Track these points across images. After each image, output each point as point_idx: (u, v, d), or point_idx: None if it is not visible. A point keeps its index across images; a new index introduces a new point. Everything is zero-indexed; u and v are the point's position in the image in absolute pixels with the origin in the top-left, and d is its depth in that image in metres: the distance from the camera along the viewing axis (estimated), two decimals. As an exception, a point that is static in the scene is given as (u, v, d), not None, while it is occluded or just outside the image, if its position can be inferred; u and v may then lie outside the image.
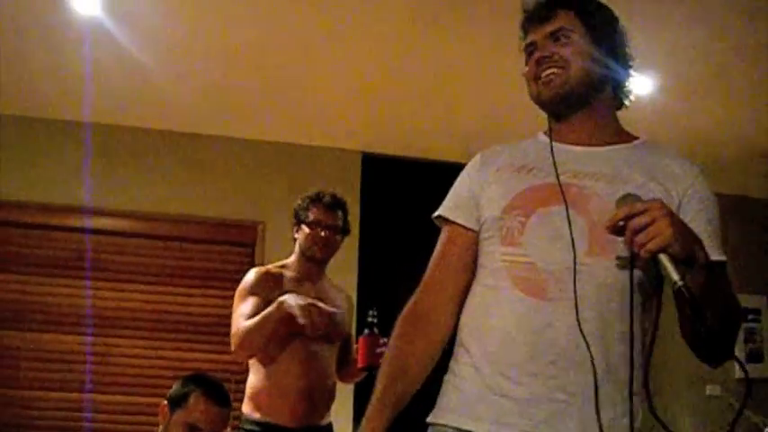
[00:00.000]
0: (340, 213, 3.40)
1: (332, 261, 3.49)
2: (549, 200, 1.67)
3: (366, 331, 3.23)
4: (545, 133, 1.83)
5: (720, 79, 4.24)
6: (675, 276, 1.40)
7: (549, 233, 1.64)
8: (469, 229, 1.78)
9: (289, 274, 3.38)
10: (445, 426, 1.66)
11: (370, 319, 3.23)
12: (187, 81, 4.42)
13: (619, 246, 1.55)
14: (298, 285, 3.33)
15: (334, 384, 3.42)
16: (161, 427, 2.55)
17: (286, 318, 3.06)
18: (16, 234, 4.80)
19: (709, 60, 4.05)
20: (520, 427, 1.56)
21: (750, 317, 5.80)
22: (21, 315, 4.70)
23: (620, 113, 1.85)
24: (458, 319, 1.77)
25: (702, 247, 1.48)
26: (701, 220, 1.65)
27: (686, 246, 1.44)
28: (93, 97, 4.53)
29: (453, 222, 1.81)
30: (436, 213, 1.86)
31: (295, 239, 3.41)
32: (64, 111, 4.77)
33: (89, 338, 4.72)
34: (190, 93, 4.55)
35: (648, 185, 1.66)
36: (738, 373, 5.68)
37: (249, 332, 3.10)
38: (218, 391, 2.62)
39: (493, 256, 1.71)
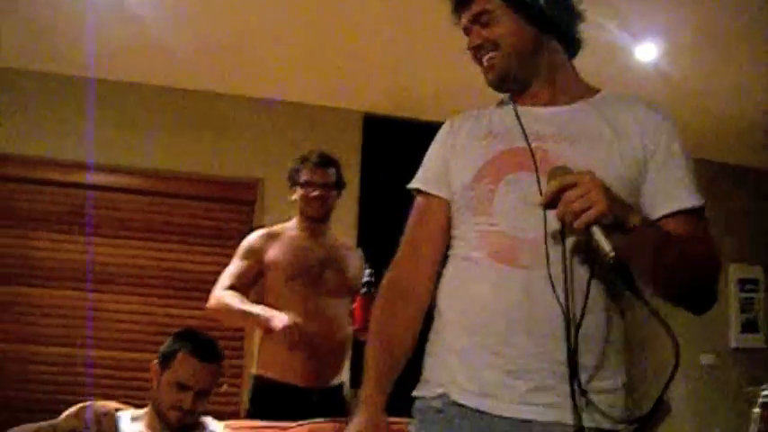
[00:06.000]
0: (331, 170, 3.41)
1: (332, 221, 3.50)
2: (517, 165, 1.66)
3: (363, 290, 3.19)
4: (510, 96, 1.82)
5: (725, 47, 4.20)
6: (607, 247, 1.40)
7: (518, 200, 1.63)
8: (443, 199, 1.79)
9: (291, 232, 3.40)
10: (432, 397, 1.66)
11: (366, 279, 3.21)
12: (188, 37, 4.37)
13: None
14: (300, 243, 3.36)
15: (346, 340, 3.38)
16: (153, 385, 2.55)
17: (262, 324, 3.13)
18: (15, 189, 4.78)
19: (715, 27, 4.00)
20: (506, 398, 1.55)
21: (747, 287, 5.81)
22: (19, 270, 4.70)
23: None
24: (435, 289, 1.77)
25: (637, 212, 1.52)
26: (675, 168, 1.65)
27: (620, 215, 1.45)
28: (93, 52, 4.48)
29: (428, 194, 1.82)
30: (411, 185, 1.87)
31: (295, 200, 3.43)
32: (64, 65, 4.73)
33: (87, 294, 4.72)
34: (191, 49, 4.51)
35: (618, 143, 1.65)
36: (734, 343, 5.71)
37: (219, 308, 3.24)
38: (206, 346, 2.62)
39: (467, 226, 1.70)
